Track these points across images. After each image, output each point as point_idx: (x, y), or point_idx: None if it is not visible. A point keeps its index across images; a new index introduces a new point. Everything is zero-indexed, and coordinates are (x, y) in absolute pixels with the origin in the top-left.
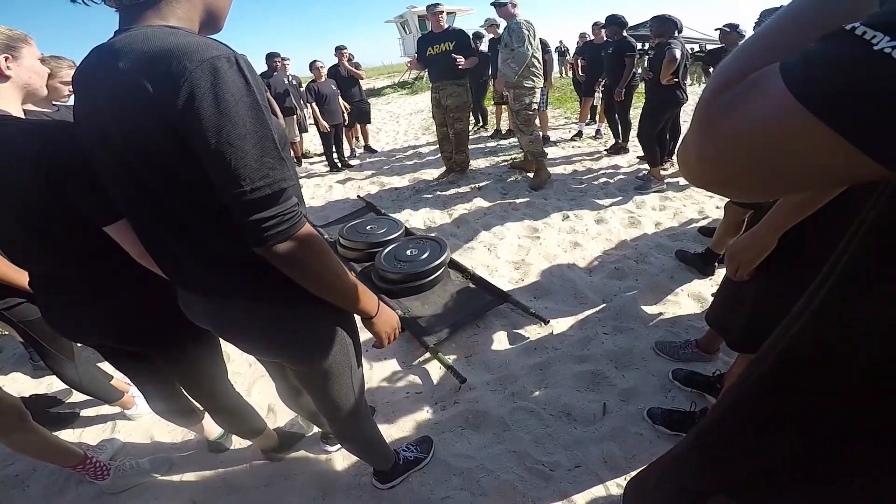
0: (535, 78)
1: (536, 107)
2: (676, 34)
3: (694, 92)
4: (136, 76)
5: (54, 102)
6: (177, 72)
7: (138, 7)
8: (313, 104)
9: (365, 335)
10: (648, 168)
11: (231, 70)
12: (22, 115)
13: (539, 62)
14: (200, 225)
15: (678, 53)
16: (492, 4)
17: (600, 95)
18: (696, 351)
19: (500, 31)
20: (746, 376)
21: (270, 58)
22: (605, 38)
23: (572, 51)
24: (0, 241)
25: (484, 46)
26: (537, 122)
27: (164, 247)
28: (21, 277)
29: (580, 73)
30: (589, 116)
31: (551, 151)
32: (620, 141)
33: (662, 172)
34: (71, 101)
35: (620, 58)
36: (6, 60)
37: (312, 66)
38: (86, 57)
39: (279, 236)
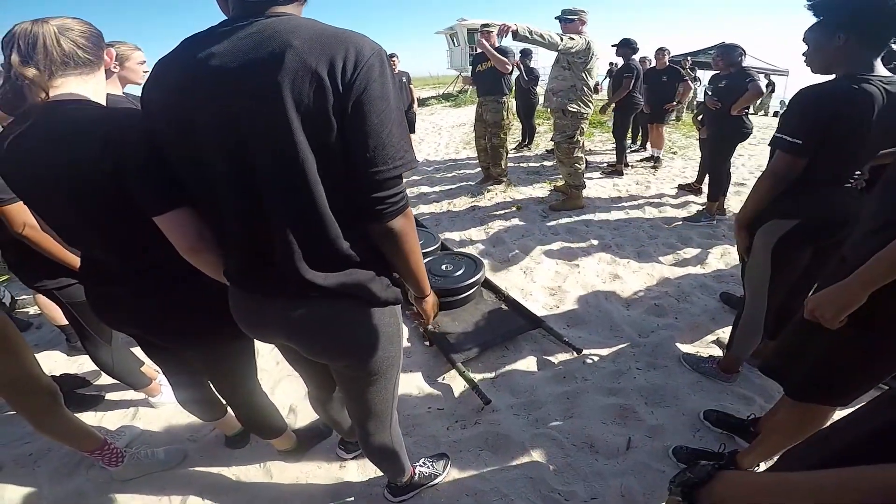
0: (580, 104)
1: (579, 138)
2: (743, 63)
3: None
4: (315, 54)
5: (125, 91)
6: (357, 56)
7: (271, 2)
8: None
9: None
10: (705, 201)
11: (387, 62)
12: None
13: (589, 89)
14: (324, 214)
15: (763, 87)
16: (557, 19)
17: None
18: (716, 368)
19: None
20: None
21: None
22: (666, 64)
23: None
24: (54, 224)
25: (535, 63)
26: (579, 153)
27: (257, 247)
28: (75, 260)
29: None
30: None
31: (595, 179)
32: (617, 164)
33: (713, 205)
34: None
35: (619, 78)
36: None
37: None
38: (200, 40)
39: (399, 211)
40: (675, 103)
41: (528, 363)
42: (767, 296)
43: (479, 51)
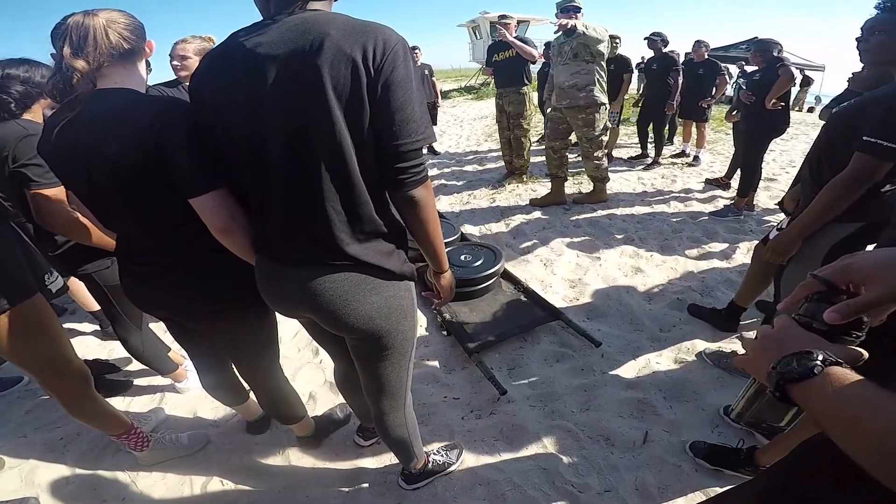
0: (604, 96)
1: (607, 128)
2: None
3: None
4: (350, 42)
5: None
6: (385, 44)
7: None
8: None
9: None
10: (735, 196)
11: (409, 51)
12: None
13: (604, 79)
14: (352, 185)
15: (796, 72)
16: (563, 9)
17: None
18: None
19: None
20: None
21: None
22: (706, 57)
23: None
24: (96, 208)
25: None
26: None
27: (288, 218)
28: (112, 243)
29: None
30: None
31: (620, 171)
32: (654, 156)
33: (742, 200)
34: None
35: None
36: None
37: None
38: (252, 31)
39: (422, 181)
40: (710, 99)
41: (546, 355)
42: None
43: (497, 39)
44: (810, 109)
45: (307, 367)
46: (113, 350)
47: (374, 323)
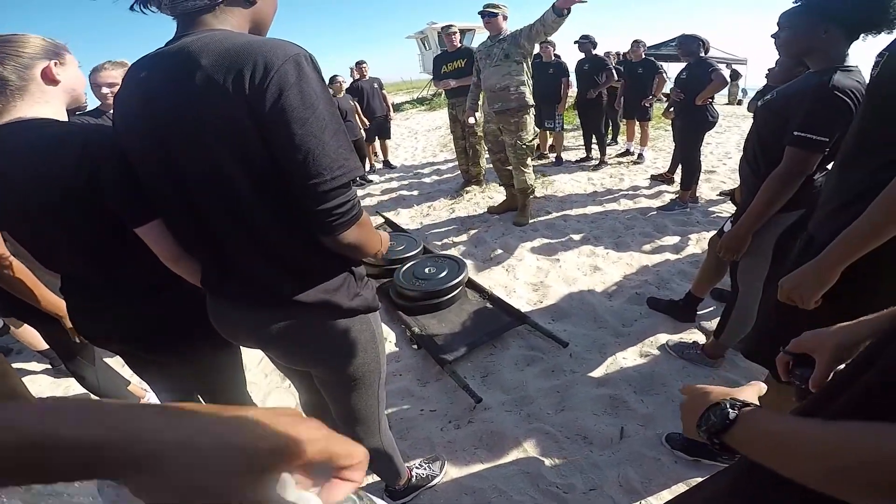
0: (532, 98)
1: (536, 132)
2: (703, 54)
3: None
4: (222, 71)
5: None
6: (265, 67)
7: (197, 13)
8: None
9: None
10: (679, 190)
11: (309, 67)
12: (65, 118)
13: (531, 79)
14: (274, 227)
15: (727, 76)
16: (480, 14)
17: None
18: (701, 353)
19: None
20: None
21: None
22: (643, 56)
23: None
24: (32, 243)
25: None
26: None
27: (226, 254)
28: (60, 304)
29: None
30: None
31: (570, 173)
32: (599, 157)
33: (686, 193)
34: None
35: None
36: (55, 66)
37: (333, 80)
38: (144, 59)
39: (349, 224)
40: (651, 98)
41: (517, 359)
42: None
43: (445, 50)
44: (739, 102)
45: (276, 392)
46: (69, 388)
47: (328, 362)
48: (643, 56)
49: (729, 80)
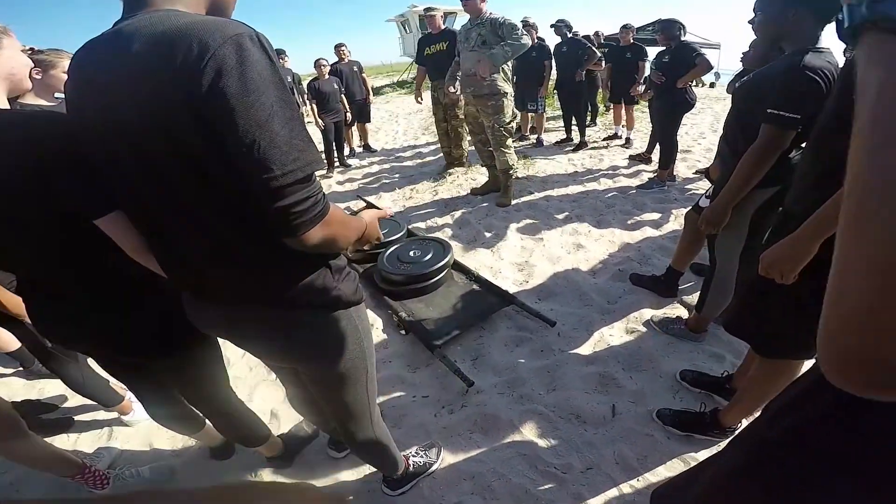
0: (507, 85)
1: (515, 115)
2: (682, 37)
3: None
4: (154, 57)
5: (56, 95)
6: (200, 50)
7: None
8: (313, 104)
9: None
10: (657, 169)
11: (255, 48)
12: (6, 106)
13: (509, 68)
14: (224, 224)
15: (711, 61)
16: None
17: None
18: (685, 329)
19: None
20: (808, 398)
21: None
22: (631, 41)
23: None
24: None
25: None
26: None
27: (178, 250)
28: (18, 305)
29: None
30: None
31: (551, 155)
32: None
33: (664, 172)
34: None
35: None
36: None
37: (316, 64)
38: (84, 46)
39: (312, 222)
40: (639, 84)
41: (506, 341)
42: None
43: (427, 33)
44: (711, 85)
45: (263, 386)
46: (42, 389)
47: (311, 359)
48: (631, 41)
49: (712, 64)
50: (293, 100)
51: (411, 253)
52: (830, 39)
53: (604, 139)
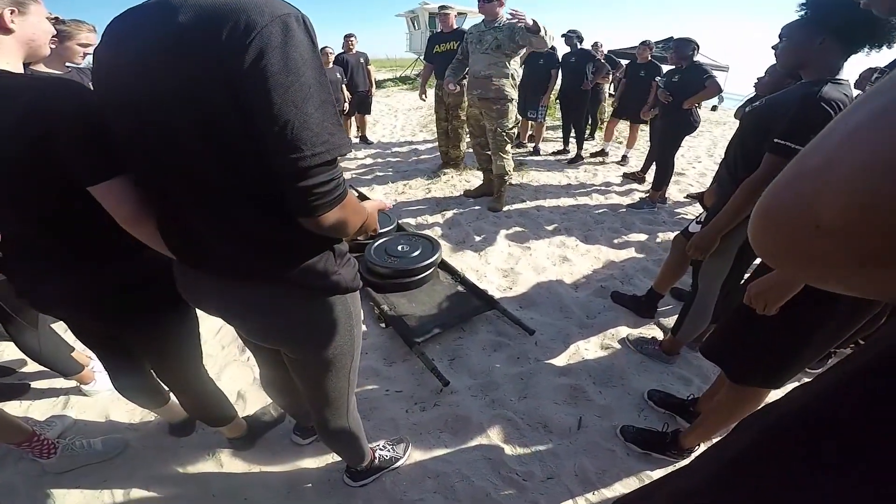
0: (513, 91)
1: (518, 121)
2: (694, 58)
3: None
4: (199, 30)
5: (67, 64)
6: (248, 26)
7: None
8: None
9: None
10: (650, 189)
11: (299, 29)
12: (21, 71)
13: (518, 74)
14: (239, 200)
15: (720, 84)
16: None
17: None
18: (658, 350)
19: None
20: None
21: None
22: (648, 58)
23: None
24: None
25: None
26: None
27: (185, 221)
28: None
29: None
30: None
31: (546, 166)
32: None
33: (656, 193)
34: (85, 64)
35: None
36: (11, 14)
37: (322, 51)
38: (127, 11)
39: (331, 205)
40: (650, 107)
41: (484, 344)
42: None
43: (437, 30)
44: (713, 108)
45: (233, 366)
46: (3, 352)
47: (300, 342)
48: (648, 58)
49: (723, 88)
50: (328, 83)
51: (399, 247)
52: (850, 69)
53: (591, 154)
